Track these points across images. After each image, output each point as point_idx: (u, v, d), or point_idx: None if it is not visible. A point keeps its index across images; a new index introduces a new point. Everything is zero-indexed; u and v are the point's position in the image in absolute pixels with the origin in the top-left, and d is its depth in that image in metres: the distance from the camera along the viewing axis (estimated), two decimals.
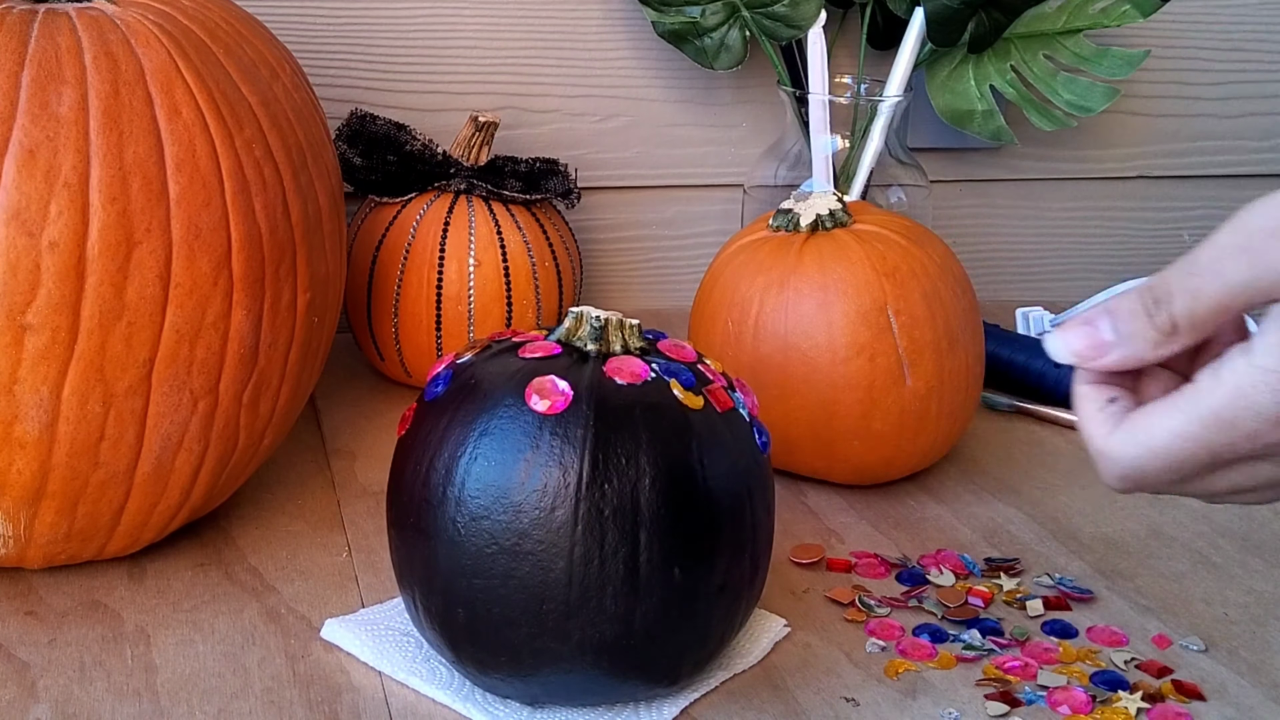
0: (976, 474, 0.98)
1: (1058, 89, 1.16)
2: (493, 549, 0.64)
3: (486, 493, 0.65)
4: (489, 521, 0.65)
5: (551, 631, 0.65)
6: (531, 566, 0.64)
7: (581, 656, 0.65)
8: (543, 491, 0.64)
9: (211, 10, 0.80)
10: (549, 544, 0.64)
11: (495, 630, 0.65)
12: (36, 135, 0.70)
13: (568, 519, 0.64)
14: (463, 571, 0.65)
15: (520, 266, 1.04)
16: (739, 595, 0.68)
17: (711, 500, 0.66)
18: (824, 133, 1.09)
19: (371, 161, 1.05)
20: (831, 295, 0.89)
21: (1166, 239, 1.39)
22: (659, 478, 0.64)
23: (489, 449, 0.65)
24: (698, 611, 0.66)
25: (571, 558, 0.64)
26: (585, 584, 0.64)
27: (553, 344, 0.69)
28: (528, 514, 0.64)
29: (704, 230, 1.28)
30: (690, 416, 0.67)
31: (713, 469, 0.66)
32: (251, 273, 0.76)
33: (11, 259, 0.69)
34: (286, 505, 0.90)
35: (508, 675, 0.67)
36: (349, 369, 1.11)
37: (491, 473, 0.65)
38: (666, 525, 0.64)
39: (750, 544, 0.68)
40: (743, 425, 0.69)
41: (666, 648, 0.66)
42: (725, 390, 0.70)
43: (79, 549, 0.78)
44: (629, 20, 1.22)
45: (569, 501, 0.64)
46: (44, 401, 0.72)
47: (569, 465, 0.64)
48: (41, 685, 0.70)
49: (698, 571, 0.66)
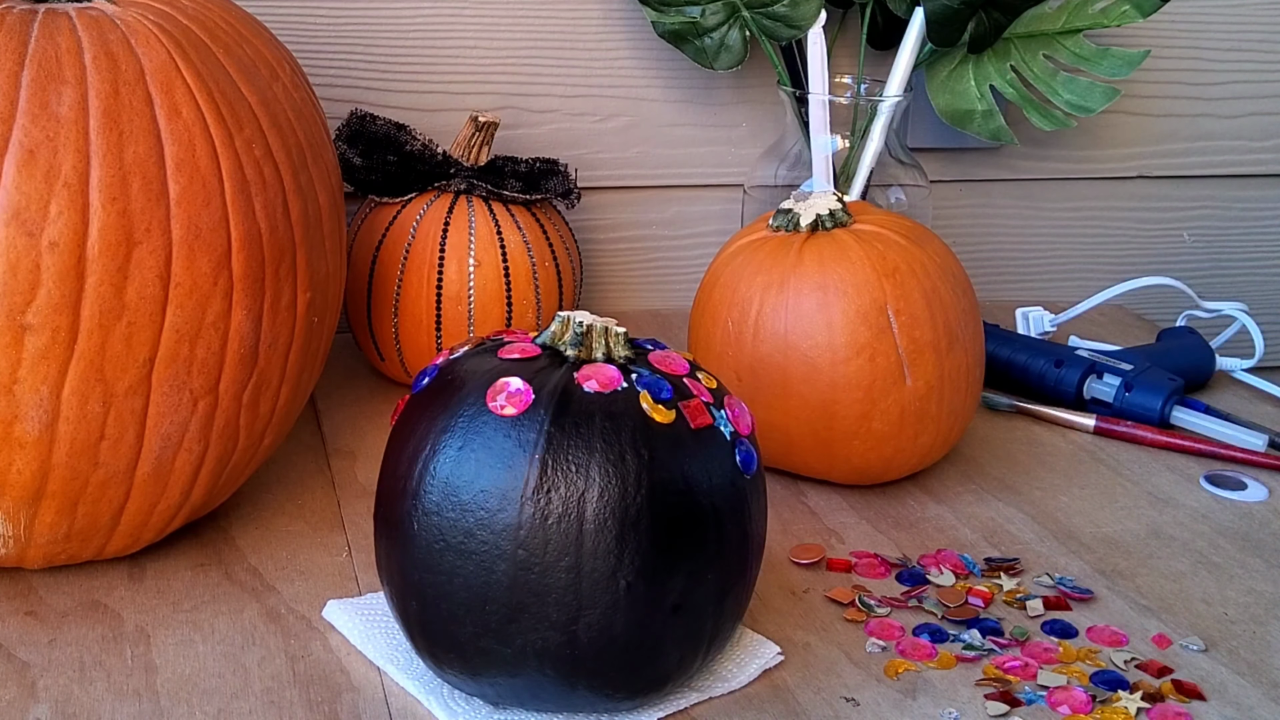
0: (976, 474, 0.98)
1: (1058, 89, 1.16)
2: (440, 545, 0.65)
3: (439, 489, 0.65)
4: (439, 518, 0.65)
5: (495, 633, 0.65)
6: (475, 566, 0.64)
7: (525, 661, 0.65)
8: (489, 492, 0.64)
9: (211, 10, 0.80)
10: (492, 545, 0.64)
11: (443, 625, 0.66)
12: (36, 135, 0.70)
13: (512, 522, 0.64)
14: (415, 565, 0.66)
15: (520, 266, 1.04)
16: (700, 617, 0.67)
17: (666, 517, 0.65)
18: (824, 133, 1.09)
19: (371, 161, 1.05)
20: (831, 295, 0.89)
21: (1166, 239, 1.39)
22: (608, 489, 0.64)
23: (446, 446, 0.65)
24: (648, 629, 0.65)
25: (514, 561, 0.64)
26: (527, 589, 0.64)
27: (534, 346, 0.69)
28: (473, 514, 0.64)
29: (704, 230, 1.28)
30: (655, 430, 0.65)
31: (672, 486, 0.65)
32: (251, 273, 0.76)
33: (11, 259, 0.69)
34: (286, 505, 0.90)
35: (460, 673, 0.67)
36: (349, 369, 1.11)
37: (445, 469, 0.65)
38: (612, 539, 0.64)
39: (717, 566, 0.67)
40: (720, 444, 0.68)
41: (615, 661, 0.66)
42: (707, 407, 0.68)
43: (79, 549, 0.78)
44: (629, 20, 1.22)
45: (514, 505, 0.64)
46: (44, 401, 0.72)
47: (517, 469, 0.64)
48: (41, 685, 0.70)
49: (647, 588, 0.65)
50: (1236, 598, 0.83)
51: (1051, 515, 0.93)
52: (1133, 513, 0.94)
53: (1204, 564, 0.87)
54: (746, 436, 0.70)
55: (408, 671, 0.71)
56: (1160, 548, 0.89)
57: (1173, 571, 0.86)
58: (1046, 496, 0.95)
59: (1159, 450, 1.03)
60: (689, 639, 0.67)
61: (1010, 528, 0.91)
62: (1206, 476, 0.98)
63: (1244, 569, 0.87)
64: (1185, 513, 0.94)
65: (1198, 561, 0.87)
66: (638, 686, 0.67)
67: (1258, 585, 0.85)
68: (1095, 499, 0.95)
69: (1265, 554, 0.89)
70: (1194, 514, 0.94)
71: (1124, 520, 0.92)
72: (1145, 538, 0.90)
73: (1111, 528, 0.91)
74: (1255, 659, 0.77)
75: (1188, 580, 0.85)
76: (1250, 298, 1.34)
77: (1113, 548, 0.89)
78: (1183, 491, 0.97)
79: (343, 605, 0.76)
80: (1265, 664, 0.77)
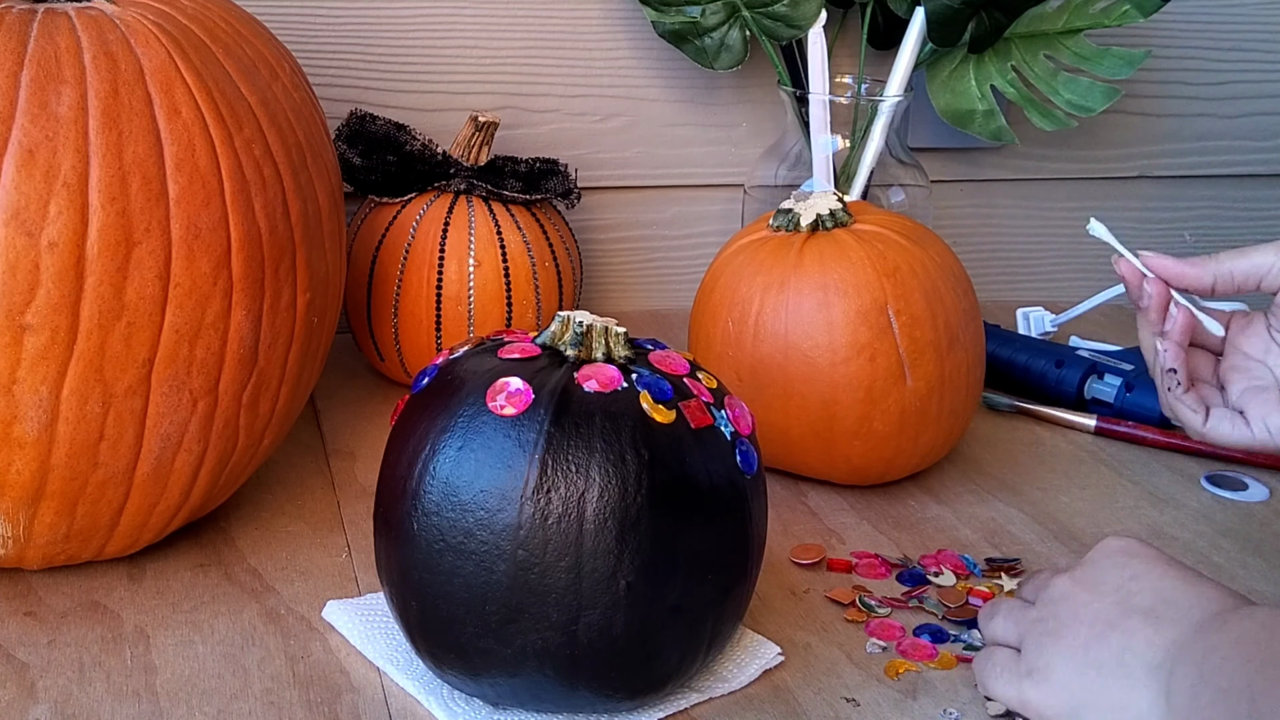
0: (977, 474, 0.98)
1: (1058, 89, 1.16)
2: (440, 545, 0.65)
3: (439, 489, 0.65)
4: (438, 518, 0.65)
5: (495, 633, 0.65)
6: (475, 566, 0.64)
7: (524, 661, 0.65)
8: (489, 492, 0.64)
9: (211, 10, 0.80)
10: (492, 545, 0.64)
11: (444, 626, 0.66)
12: (36, 135, 0.70)
13: (511, 522, 0.64)
14: (415, 565, 0.66)
15: (520, 266, 1.03)
16: (700, 617, 0.67)
17: (667, 517, 0.65)
18: (824, 133, 1.09)
19: (371, 161, 1.05)
20: (832, 295, 0.89)
21: (1167, 239, 1.39)
22: (608, 489, 0.64)
23: (446, 446, 0.65)
24: (648, 629, 0.65)
25: (514, 561, 0.64)
26: (527, 589, 0.64)
27: (534, 346, 0.69)
28: (473, 514, 0.64)
29: (704, 230, 1.28)
30: (655, 430, 0.65)
31: (671, 486, 0.65)
32: (251, 273, 0.76)
33: (11, 259, 0.69)
34: (286, 505, 0.89)
35: (460, 673, 0.67)
36: (349, 369, 1.11)
37: (445, 469, 0.65)
38: (612, 539, 0.64)
39: (717, 566, 0.67)
40: (720, 444, 0.68)
41: (615, 662, 0.65)
42: (707, 407, 0.68)
43: (78, 549, 0.78)
44: (629, 20, 1.21)
45: (514, 505, 0.64)
46: (43, 402, 0.71)
47: (517, 469, 0.64)
48: (41, 686, 0.70)
49: (647, 588, 0.64)
50: None
51: (1052, 515, 0.93)
52: (1134, 513, 0.93)
53: (1205, 564, 0.87)
54: (747, 436, 0.69)
55: (407, 672, 0.71)
56: (1161, 548, 0.89)
57: None
58: (1047, 497, 0.95)
59: (1160, 450, 1.03)
60: (689, 639, 0.67)
61: (1011, 528, 0.91)
62: (1207, 477, 0.98)
63: (1245, 569, 0.86)
64: (1186, 513, 0.94)
65: (1199, 562, 0.87)
66: (638, 687, 0.67)
67: (1259, 585, 0.85)
68: (1096, 499, 0.95)
69: (1266, 554, 0.88)
70: (1195, 514, 0.94)
71: (1125, 520, 0.92)
72: (1146, 538, 0.90)
73: (1112, 528, 0.91)
74: None
75: None
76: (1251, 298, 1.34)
77: None
78: (1184, 492, 0.97)
79: (343, 606, 0.76)
80: None
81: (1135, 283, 0.82)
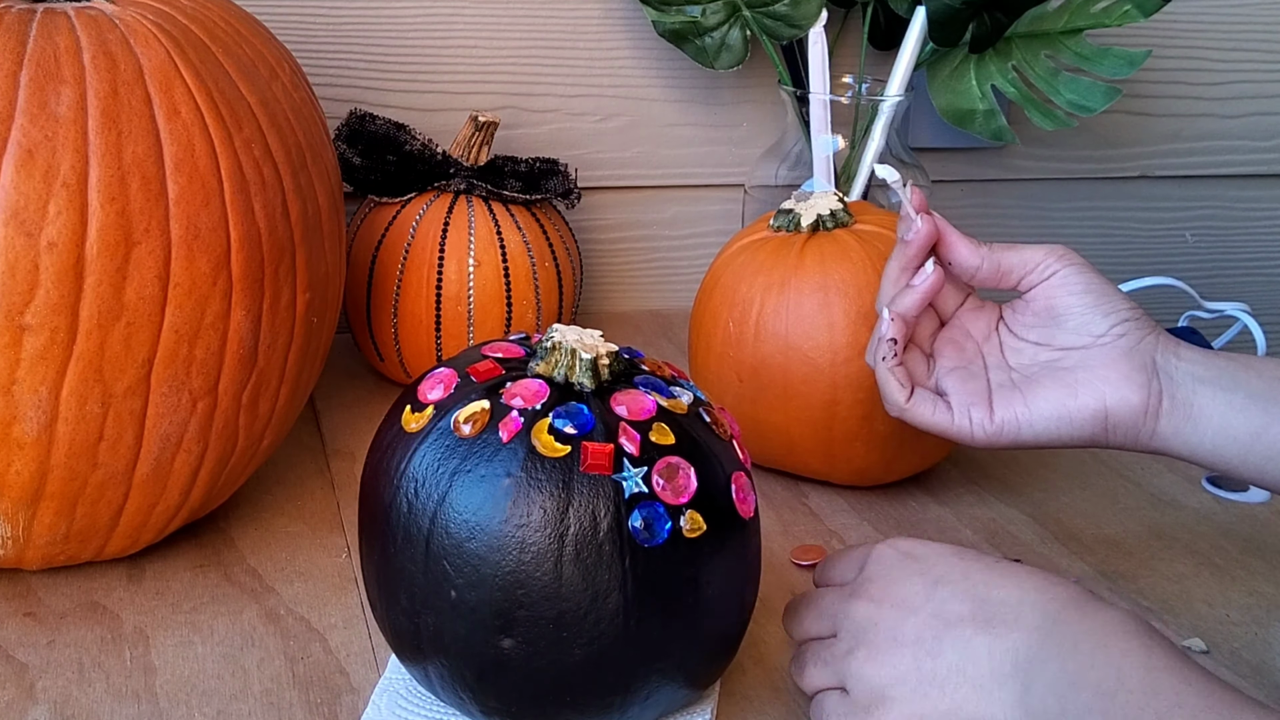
0: (978, 475, 0.98)
1: (1059, 89, 1.16)
2: (378, 547, 0.65)
3: (367, 490, 0.67)
4: (372, 524, 0.66)
5: (428, 644, 0.64)
6: (394, 572, 0.64)
7: (446, 683, 0.64)
8: (400, 511, 0.64)
9: (211, 10, 0.80)
10: (407, 557, 0.63)
11: (383, 619, 0.66)
12: (35, 135, 0.70)
13: (419, 542, 0.63)
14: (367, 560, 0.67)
15: (520, 266, 1.03)
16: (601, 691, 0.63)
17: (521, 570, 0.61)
18: (825, 132, 1.09)
19: (371, 161, 1.05)
20: (833, 295, 0.88)
21: (1167, 239, 1.39)
22: (476, 528, 0.61)
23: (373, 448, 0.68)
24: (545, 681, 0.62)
25: (413, 580, 0.63)
26: (437, 609, 0.63)
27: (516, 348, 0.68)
28: (393, 525, 0.64)
29: (704, 230, 1.28)
30: (537, 460, 0.61)
31: (552, 535, 0.61)
32: (251, 273, 0.76)
33: (10, 259, 0.69)
34: (286, 506, 0.89)
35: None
36: (349, 369, 1.11)
37: (367, 472, 0.67)
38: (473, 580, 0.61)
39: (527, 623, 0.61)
40: (601, 495, 0.61)
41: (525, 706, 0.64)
42: (614, 457, 0.62)
43: (78, 550, 0.78)
44: (629, 20, 1.21)
45: (416, 527, 0.63)
46: (43, 402, 0.71)
47: (427, 489, 0.63)
48: (40, 686, 0.70)
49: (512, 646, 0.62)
50: (1239, 600, 0.83)
51: (1053, 516, 0.92)
52: (1135, 514, 0.93)
53: (1206, 566, 0.87)
54: (671, 506, 0.62)
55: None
56: (1162, 549, 0.89)
57: (1175, 573, 0.86)
58: (1048, 498, 0.95)
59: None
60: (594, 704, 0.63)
61: (1012, 529, 0.90)
62: (1208, 478, 0.98)
63: (1246, 571, 0.86)
64: (1187, 514, 0.94)
65: (1200, 563, 0.87)
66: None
67: (1260, 587, 0.84)
68: (1097, 500, 0.95)
69: (1267, 555, 0.88)
70: (1196, 515, 0.93)
71: (1126, 522, 0.92)
72: (1147, 539, 0.90)
73: (1113, 529, 0.91)
74: (1257, 661, 0.77)
75: (1190, 582, 0.85)
76: (1252, 298, 1.34)
77: (1114, 549, 0.88)
78: (1185, 493, 0.97)
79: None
80: (1268, 666, 0.76)
81: (920, 209, 0.79)
